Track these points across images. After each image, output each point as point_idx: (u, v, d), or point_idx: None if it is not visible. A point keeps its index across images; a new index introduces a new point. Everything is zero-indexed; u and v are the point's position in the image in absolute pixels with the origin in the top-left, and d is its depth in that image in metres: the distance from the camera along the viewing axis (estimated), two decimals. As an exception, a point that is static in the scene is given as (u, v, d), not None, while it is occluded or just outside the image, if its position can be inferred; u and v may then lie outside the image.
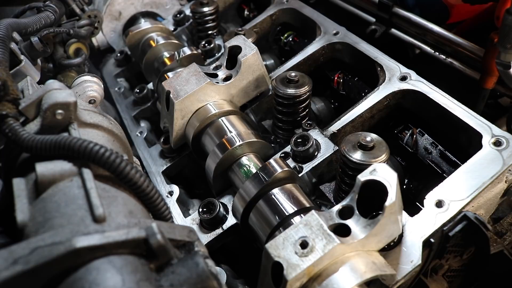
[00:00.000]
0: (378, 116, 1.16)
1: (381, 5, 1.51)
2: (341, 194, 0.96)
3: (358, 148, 0.88)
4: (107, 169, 0.68)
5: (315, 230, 0.73)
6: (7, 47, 1.00)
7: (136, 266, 0.56)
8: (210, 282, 0.58)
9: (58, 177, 0.68)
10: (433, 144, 1.13)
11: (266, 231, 0.90)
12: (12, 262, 0.51)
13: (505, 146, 0.93)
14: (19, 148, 0.73)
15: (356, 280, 0.71)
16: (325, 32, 1.38)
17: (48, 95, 0.76)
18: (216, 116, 1.16)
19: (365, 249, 0.76)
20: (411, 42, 1.47)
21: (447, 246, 0.87)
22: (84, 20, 1.62)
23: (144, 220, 0.62)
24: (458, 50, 1.34)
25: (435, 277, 0.97)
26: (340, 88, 1.37)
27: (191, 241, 0.64)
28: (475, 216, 0.85)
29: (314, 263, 0.70)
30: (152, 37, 1.58)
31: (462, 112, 1.03)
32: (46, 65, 1.47)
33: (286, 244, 0.73)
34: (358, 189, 0.77)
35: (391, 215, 0.73)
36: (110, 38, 1.76)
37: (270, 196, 0.93)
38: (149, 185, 0.73)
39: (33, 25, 1.30)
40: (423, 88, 1.10)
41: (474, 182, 0.89)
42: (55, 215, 0.62)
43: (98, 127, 0.86)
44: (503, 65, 1.17)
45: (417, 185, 1.16)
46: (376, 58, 1.22)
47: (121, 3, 1.74)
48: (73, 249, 0.52)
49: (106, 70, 1.77)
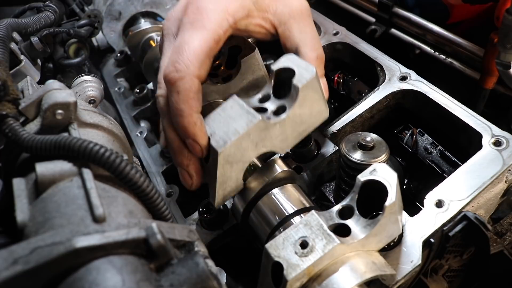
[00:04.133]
0: (378, 116, 1.16)
1: (381, 5, 1.51)
2: (341, 194, 0.96)
3: (358, 148, 0.88)
4: (107, 169, 0.68)
5: (315, 230, 0.73)
6: (7, 47, 1.00)
7: (136, 266, 0.56)
8: (210, 282, 0.58)
9: (58, 177, 0.68)
10: (433, 144, 1.13)
11: (266, 231, 0.90)
12: (12, 262, 0.51)
13: (505, 146, 0.93)
14: (19, 148, 0.73)
15: (356, 280, 0.71)
16: (325, 32, 1.38)
17: (48, 95, 0.77)
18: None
19: (365, 249, 0.76)
20: (411, 42, 1.47)
21: (447, 246, 0.87)
22: (84, 20, 1.62)
23: (144, 220, 0.62)
24: (458, 50, 1.34)
25: (435, 277, 0.97)
26: (340, 88, 1.37)
27: (191, 241, 0.64)
28: (475, 216, 0.85)
29: (314, 263, 0.70)
30: (152, 37, 1.58)
31: (462, 112, 1.03)
32: (46, 65, 1.48)
33: (286, 244, 0.73)
34: (358, 189, 0.77)
35: (391, 215, 0.73)
36: (110, 38, 1.76)
37: (270, 196, 0.93)
38: (149, 185, 0.73)
39: (33, 25, 1.30)
40: (423, 88, 1.10)
41: (474, 182, 0.89)
42: (55, 215, 0.62)
43: (98, 127, 0.86)
44: (503, 65, 1.17)
45: (417, 185, 1.16)
46: (376, 58, 1.22)
47: (121, 3, 1.73)
48: (73, 249, 0.53)
49: (106, 70, 1.77)
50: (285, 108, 0.88)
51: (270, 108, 0.90)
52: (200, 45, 0.88)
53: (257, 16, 1.00)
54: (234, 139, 0.83)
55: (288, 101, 0.88)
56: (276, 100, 0.91)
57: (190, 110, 0.86)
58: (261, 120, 0.84)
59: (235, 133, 0.83)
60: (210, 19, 0.91)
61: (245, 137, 0.84)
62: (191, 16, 0.92)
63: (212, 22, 0.91)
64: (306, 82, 0.85)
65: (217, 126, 0.87)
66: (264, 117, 0.85)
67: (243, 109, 0.86)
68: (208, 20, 0.91)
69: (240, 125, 0.84)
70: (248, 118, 0.84)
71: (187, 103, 0.86)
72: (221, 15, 0.92)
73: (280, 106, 0.90)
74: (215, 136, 0.86)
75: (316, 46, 1.02)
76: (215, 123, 0.88)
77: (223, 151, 0.83)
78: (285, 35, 1.03)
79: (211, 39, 0.90)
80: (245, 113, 0.86)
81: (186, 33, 0.90)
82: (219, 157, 0.84)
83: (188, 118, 0.85)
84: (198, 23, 0.90)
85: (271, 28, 1.03)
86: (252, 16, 0.99)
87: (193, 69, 0.86)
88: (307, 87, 0.86)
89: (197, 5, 0.93)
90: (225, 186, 0.90)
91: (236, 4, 0.95)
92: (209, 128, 0.88)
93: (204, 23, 0.90)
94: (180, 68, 0.86)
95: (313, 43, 1.01)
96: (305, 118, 0.91)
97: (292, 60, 0.89)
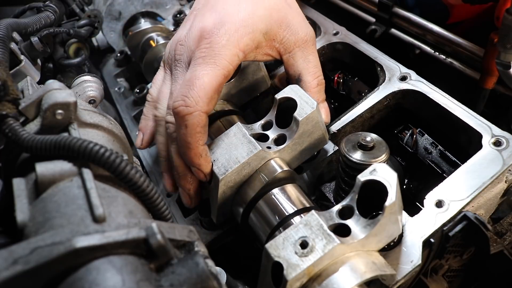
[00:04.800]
0: (378, 116, 1.16)
1: (381, 5, 1.51)
2: (341, 194, 0.96)
3: (358, 148, 0.88)
4: (107, 169, 0.68)
5: (315, 230, 0.73)
6: (7, 47, 1.00)
7: (136, 266, 0.56)
8: (210, 282, 0.58)
9: (58, 177, 0.68)
10: (433, 144, 1.13)
11: (266, 231, 0.90)
12: (12, 262, 0.51)
13: (505, 146, 0.93)
14: (19, 148, 0.73)
15: (356, 280, 0.71)
16: (325, 32, 1.38)
17: (48, 95, 0.76)
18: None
19: (365, 249, 0.76)
20: (411, 42, 1.47)
21: (447, 246, 0.87)
22: (84, 20, 1.62)
23: (144, 220, 0.62)
24: (458, 50, 1.34)
25: (435, 277, 0.97)
26: (340, 88, 1.37)
27: (191, 241, 0.64)
28: (475, 216, 0.85)
29: (314, 263, 0.70)
30: (152, 37, 1.58)
31: (462, 112, 1.03)
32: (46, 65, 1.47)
33: (286, 244, 0.73)
34: (358, 189, 0.77)
35: (391, 215, 0.73)
36: (110, 38, 1.76)
37: (270, 196, 0.93)
38: (149, 185, 0.73)
39: (33, 25, 1.30)
40: (423, 88, 1.10)
41: (474, 182, 0.90)
42: (55, 215, 0.62)
43: (98, 127, 0.86)
44: (503, 65, 1.17)
45: (417, 185, 1.16)
46: (376, 58, 1.22)
47: (121, 3, 1.73)
48: (73, 249, 0.52)
49: (106, 70, 1.77)
50: (285, 138, 0.95)
51: (271, 136, 0.98)
52: (210, 81, 0.91)
53: (265, 46, 1.04)
54: (234, 167, 0.91)
55: (289, 132, 0.95)
56: (278, 129, 0.98)
57: (196, 144, 0.92)
58: (261, 150, 0.92)
59: (235, 162, 0.91)
60: (221, 55, 0.93)
61: (245, 165, 0.92)
62: (203, 51, 0.94)
63: (223, 59, 0.93)
64: (306, 116, 0.92)
65: (220, 153, 0.95)
66: (264, 147, 0.93)
67: (245, 137, 0.94)
68: (220, 57, 0.93)
69: (241, 154, 0.92)
70: (249, 148, 0.92)
71: (194, 136, 0.91)
72: (233, 51, 0.95)
73: (281, 135, 0.97)
74: (217, 162, 0.93)
75: (317, 73, 1.08)
76: (218, 150, 0.95)
77: (223, 178, 0.91)
78: (289, 62, 1.07)
79: (221, 76, 0.93)
80: (247, 142, 0.93)
81: (198, 68, 0.93)
82: (220, 183, 0.91)
83: (194, 150, 0.92)
84: (210, 59, 0.93)
85: (276, 55, 1.07)
86: (260, 47, 1.03)
87: (202, 105, 0.90)
88: (307, 120, 0.93)
89: (210, 40, 0.95)
90: (225, 206, 0.97)
91: (247, 38, 0.98)
92: (213, 154, 0.95)
93: (215, 60, 0.93)
94: (190, 103, 0.89)
95: (315, 71, 1.07)
96: (304, 147, 0.98)
97: (296, 91, 0.96)
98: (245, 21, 0.98)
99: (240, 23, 0.97)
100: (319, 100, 1.06)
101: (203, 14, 1.01)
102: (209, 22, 0.97)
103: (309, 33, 1.07)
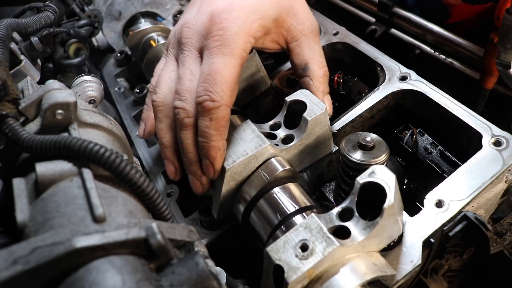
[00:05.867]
0: (378, 116, 1.16)
1: (381, 5, 1.51)
2: (341, 194, 0.96)
3: (358, 148, 0.88)
4: (107, 169, 0.69)
5: (315, 233, 0.74)
6: (7, 47, 1.00)
7: (136, 266, 0.56)
8: (210, 282, 0.58)
9: (58, 177, 0.68)
10: (433, 144, 1.13)
11: (267, 230, 0.90)
12: (12, 262, 0.51)
13: (505, 146, 0.93)
14: (19, 148, 0.73)
15: (356, 282, 0.71)
16: (325, 32, 1.38)
17: (48, 95, 0.76)
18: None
19: (366, 250, 0.76)
20: (411, 42, 1.47)
21: (447, 246, 0.87)
22: (84, 20, 1.62)
23: (144, 220, 0.62)
24: (458, 50, 1.34)
25: (435, 277, 0.97)
26: (340, 88, 1.37)
27: (191, 241, 0.64)
28: (475, 216, 0.85)
29: (315, 266, 0.70)
30: (152, 37, 1.58)
31: (462, 112, 1.03)
32: (46, 65, 1.48)
33: (287, 247, 0.73)
34: (357, 191, 0.77)
35: (390, 216, 0.73)
36: (110, 38, 1.76)
37: (271, 195, 0.93)
38: (149, 185, 0.73)
39: (33, 25, 1.30)
40: (423, 88, 1.10)
41: (474, 182, 0.90)
42: (55, 215, 0.62)
43: (98, 127, 0.86)
44: (503, 65, 1.17)
45: (417, 185, 1.16)
46: (376, 58, 1.22)
47: (121, 3, 1.73)
48: (73, 249, 0.53)
49: (106, 70, 1.77)
50: (293, 138, 0.97)
51: (280, 136, 0.99)
52: (231, 74, 0.91)
53: (273, 33, 1.04)
54: (242, 159, 0.91)
55: (297, 132, 0.97)
56: (286, 129, 1.00)
57: (218, 137, 0.91)
58: (269, 145, 0.93)
59: (243, 154, 0.92)
60: (236, 43, 0.93)
61: (252, 158, 0.92)
62: (217, 39, 0.93)
63: (238, 47, 0.93)
64: (315, 116, 0.94)
65: (229, 146, 0.95)
66: (272, 143, 0.94)
67: (254, 133, 0.95)
68: (235, 45, 0.92)
69: (250, 147, 0.93)
70: (257, 142, 0.93)
71: (218, 130, 0.91)
72: (245, 38, 0.95)
73: (289, 135, 0.98)
74: (225, 153, 0.93)
75: (323, 63, 1.08)
76: (227, 143, 0.94)
77: (230, 169, 0.91)
78: (296, 51, 1.07)
79: (238, 65, 0.93)
80: (256, 137, 0.94)
81: (216, 59, 0.92)
82: (226, 173, 0.91)
83: (215, 143, 0.91)
84: (225, 49, 0.92)
85: (283, 43, 1.07)
86: (269, 33, 1.03)
87: (226, 99, 0.90)
88: (316, 121, 0.95)
89: (222, 26, 0.93)
90: (228, 201, 0.97)
91: (258, 24, 0.97)
92: None
93: (231, 50, 0.92)
94: (215, 98, 0.89)
95: (321, 61, 1.08)
96: (310, 150, 0.99)
97: (306, 95, 0.98)
98: (254, 6, 0.97)
99: (250, 8, 0.96)
100: (324, 92, 1.07)
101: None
102: (218, 6, 0.96)
103: (314, 24, 1.08)
